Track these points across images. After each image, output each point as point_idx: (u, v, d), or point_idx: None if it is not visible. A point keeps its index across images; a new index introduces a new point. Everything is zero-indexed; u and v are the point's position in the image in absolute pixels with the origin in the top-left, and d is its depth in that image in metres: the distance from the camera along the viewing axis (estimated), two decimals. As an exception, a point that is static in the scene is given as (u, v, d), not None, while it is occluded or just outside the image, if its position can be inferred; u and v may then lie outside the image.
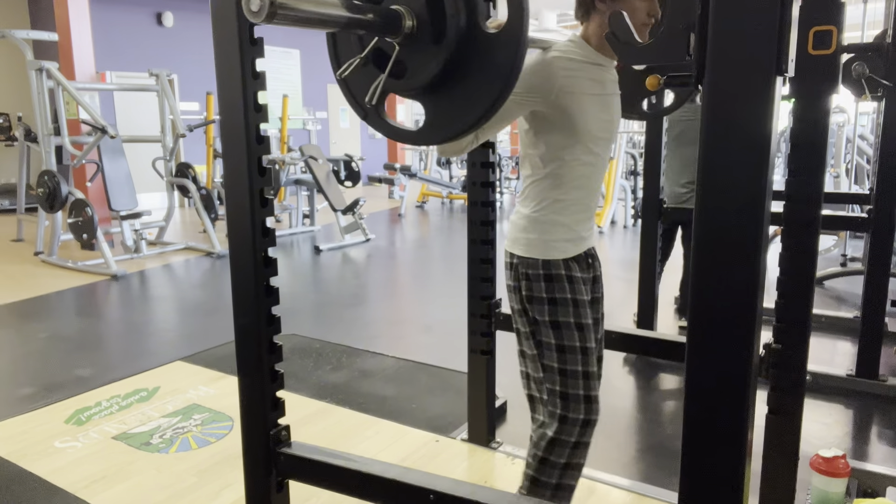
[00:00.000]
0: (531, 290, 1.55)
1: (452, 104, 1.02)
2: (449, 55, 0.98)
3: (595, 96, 1.49)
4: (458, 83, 1.01)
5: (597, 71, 1.50)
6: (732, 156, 0.93)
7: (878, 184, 2.78)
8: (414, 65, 1.02)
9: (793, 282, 1.61)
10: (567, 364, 1.54)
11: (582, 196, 1.57)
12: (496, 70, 0.97)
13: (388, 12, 0.99)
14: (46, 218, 6.08)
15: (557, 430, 1.54)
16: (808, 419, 2.46)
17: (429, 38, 0.99)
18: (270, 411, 1.49)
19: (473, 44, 0.98)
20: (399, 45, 1.01)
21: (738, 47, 0.91)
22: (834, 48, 1.42)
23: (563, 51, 1.47)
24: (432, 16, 0.98)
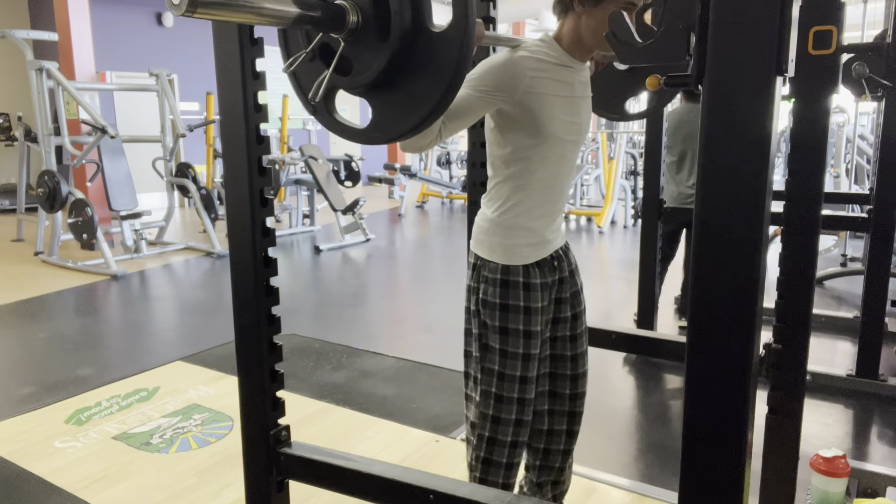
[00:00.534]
0: (486, 293, 1.55)
1: (398, 103, 1.01)
2: (393, 53, 0.97)
3: (562, 98, 1.47)
4: (403, 81, 0.99)
5: (565, 72, 1.48)
6: (732, 156, 0.93)
7: (878, 184, 2.78)
8: (359, 62, 1.01)
9: (793, 282, 1.60)
10: (506, 368, 1.54)
11: (546, 199, 1.55)
12: (441, 70, 0.96)
13: (331, 6, 0.97)
14: (46, 218, 6.08)
15: (492, 430, 1.55)
16: (808, 419, 2.46)
17: (374, 34, 0.98)
18: (270, 411, 1.49)
19: (418, 42, 0.97)
20: (344, 41, 0.99)
21: (738, 47, 0.91)
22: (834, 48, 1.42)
23: (531, 50, 1.45)
24: (377, 12, 0.97)
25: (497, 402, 1.55)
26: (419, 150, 1.37)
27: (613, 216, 7.71)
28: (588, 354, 1.74)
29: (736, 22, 0.90)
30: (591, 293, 4.84)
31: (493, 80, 1.40)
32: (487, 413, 1.56)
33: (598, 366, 3.22)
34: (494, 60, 1.43)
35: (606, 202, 7.56)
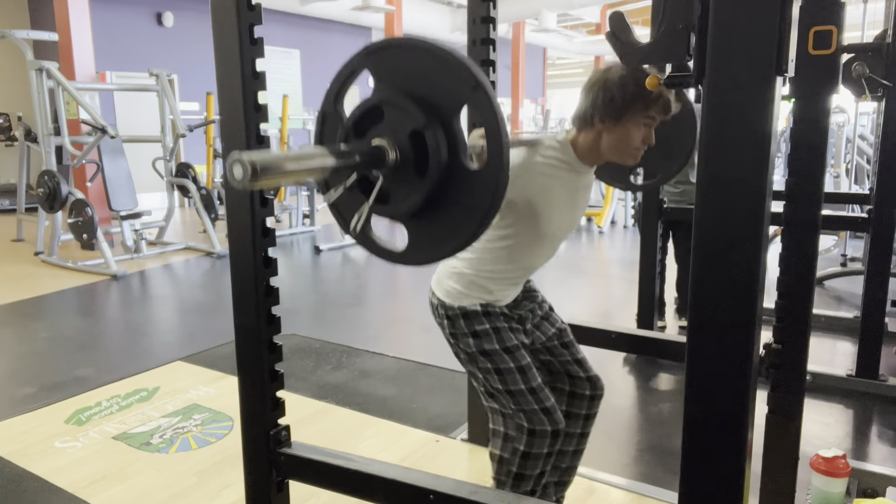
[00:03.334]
0: (454, 327, 1.60)
1: (432, 232, 1.06)
2: (430, 188, 1.01)
3: (566, 199, 1.56)
4: (438, 213, 1.04)
5: (573, 177, 1.56)
6: (732, 156, 0.94)
7: (878, 184, 2.77)
8: (397, 193, 1.05)
9: (793, 282, 1.60)
10: (509, 385, 1.56)
11: (515, 276, 1.63)
12: (476, 206, 1.00)
13: (371, 151, 1.02)
14: (46, 218, 6.08)
15: (528, 444, 1.54)
16: (808, 419, 2.46)
17: (411, 170, 1.02)
18: (270, 411, 1.49)
19: (455, 178, 1.01)
20: (383, 176, 1.04)
21: (738, 47, 0.91)
22: (834, 48, 1.42)
23: (546, 156, 1.52)
24: (415, 150, 1.01)
25: (527, 415, 1.55)
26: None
27: (613, 216, 7.71)
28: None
29: (736, 22, 0.90)
30: (591, 293, 4.84)
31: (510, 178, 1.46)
32: (523, 425, 1.56)
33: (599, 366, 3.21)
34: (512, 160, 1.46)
35: (606, 202, 7.56)
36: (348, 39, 12.71)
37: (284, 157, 0.92)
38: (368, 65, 1.06)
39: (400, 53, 1.04)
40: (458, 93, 0.98)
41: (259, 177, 0.86)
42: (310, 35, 11.84)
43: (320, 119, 1.14)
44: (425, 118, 0.99)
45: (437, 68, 0.99)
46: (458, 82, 0.97)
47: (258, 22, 1.35)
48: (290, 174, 0.93)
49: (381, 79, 1.05)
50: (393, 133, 1.03)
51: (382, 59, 1.05)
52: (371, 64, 1.06)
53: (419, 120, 0.99)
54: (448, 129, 1.00)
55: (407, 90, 1.02)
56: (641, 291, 3.38)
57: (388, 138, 1.03)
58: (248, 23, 1.33)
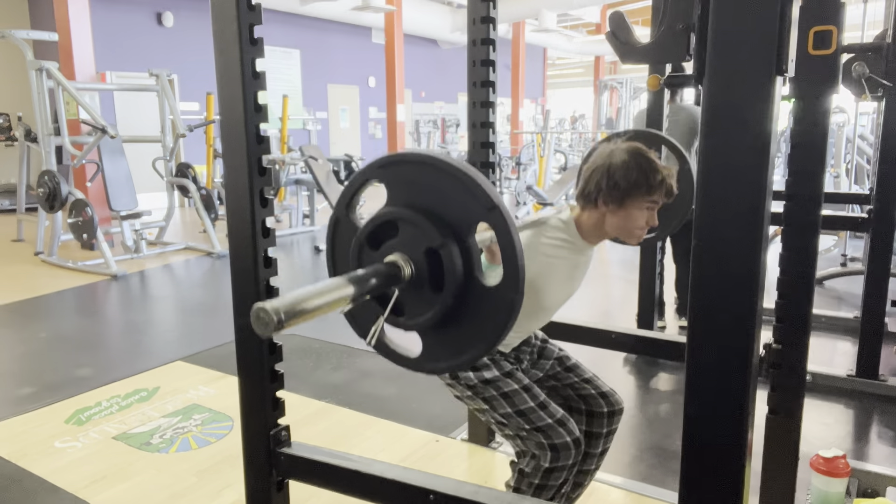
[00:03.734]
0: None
1: (448, 343, 1.07)
2: (445, 302, 1.02)
3: (566, 276, 1.60)
4: (452, 326, 1.05)
5: (575, 256, 1.60)
6: (732, 156, 0.93)
7: (878, 184, 2.77)
8: (412, 307, 1.06)
9: (793, 282, 1.60)
10: (518, 405, 1.56)
11: (512, 339, 1.66)
12: (491, 321, 1.01)
13: (386, 271, 1.03)
14: (46, 218, 6.08)
15: (552, 459, 1.54)
16: (808, 419, 2.46)
17: (427, 285, 1.03)
18: (270, 411, 1.49)
19: (470, 294, 1.02)
20: (398, 290, 1.05)
21: (738, 47, 0.91)
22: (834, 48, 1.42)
23: (551, 237, 1.56)
24: (430, 266, 1.02)
25: (543, 432, 1.55)
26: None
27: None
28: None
29: (736, 22, 0.90)
30: (592, 293, 4.84)
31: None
32: (543, 443, 1.55)
33: (599, 366, 3.21)
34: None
35: (606, 202, 7.56)
36: (348, 39, 12.71)
37: (305, 297, 0.92)
38: (382, 177, 1.07)
39: (414, 169, 1.04)
40: (474, 212, 0.99)
41: (284, 325, 0.87)
42: (310, 35, 11.84)
43: (332, 224, 1.15)
44: (441, 236, 1.00)
45: (453, 187, 1.00)
46: (474, 202, 0.98)
47: (258, 22, 1.35)
48: (312, 312, 0.94)
49: (395, 192, 1.06)
50: (408, 248, 1.04)
51: (396, 172, 1.06)
52: (385, 176, 1.07)
53: (435, 238, 1.00)
54: (463, 246, 1.01)
55: (422, 206, 1.03)
56: (641, 291, 3.38)
57: (403, 253, 1.04)
58: (248, 23, 1.33)
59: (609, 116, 16.15)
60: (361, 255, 1.09)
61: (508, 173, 10.28)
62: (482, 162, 2.20)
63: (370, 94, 13.52)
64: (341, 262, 1.16)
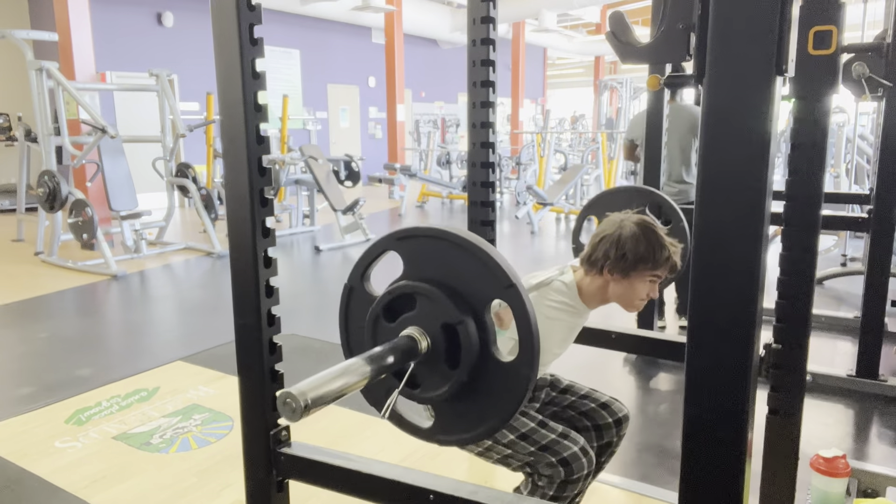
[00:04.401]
0: None
1: (461, 416, 1.07)
2: (461, 376, 1.03)
3: (563, 337, 1.65)
4: (467, 399, 1.05)
5: (574, 319, 1.64)
6: (732, 156, 0.93)
7: (878, 184, 2.77)
8: (427, 381, 1.07)
9: (793, 282, 1.60)
10: (520, 429, 1.57)
11: None
12: (506, 397, 1.02)
13: (404, 345, 1.04)
14: (46, 218, 6.08)
15: (567, 473, 1.55)
16: (808, 419, 2.46)
17: (443, 359, 1.04)
18: (270, 411, 1.49)
19: (486, 369, 1.02)
20: (414, 364, 1.06)
21: (738, 47, 0.91)
22: (834, 48, 1.42)
23: (553, 300, 1.60)
24: (446, 341, 1.03)
25: (549, 450, 1.55)
26: None
27: (613, 216, 7.70)
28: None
29: (736, 22, 0.90)
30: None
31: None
32: (551, 460, 1.55)
33: (598, 366, 3.22)
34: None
35: (606, 202, 7.55)
36: (348, 39, 12.71)
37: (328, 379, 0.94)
38: (399, 249, 1.09)
39: (432, 243, 1.05)
40: (492, 289, 1.00)
41: (311, 409, 0.89)
42: (310, 35, 11.84)
43: (346, 293, 1.17)
44: (459, 312, 1.01)
45: (471, 263, 1.01)
46: (492, 279, 1.00)
47: (258, 22, 1.34)
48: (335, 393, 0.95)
49: (412, 265, 1.08)
50: (425, 322, 1.05)
51: (414, 246, 1.07)
52: (402, 249, 1.08)
53: (453, 314, 1.01)
54: (479, 322, 1.02)
55: (439, 281, 1.04)
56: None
57: (420, 327, 1.05)
58: (248, 23, 1.33)
59: (609, 116, 16.15)
60: (377, 327, 1.11)
61: (508, 173, 10.29)
62: (482, 162, 2.20)
63: (370, 94, 13.52)
64: (355, 332, 1.18)
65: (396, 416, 1.15)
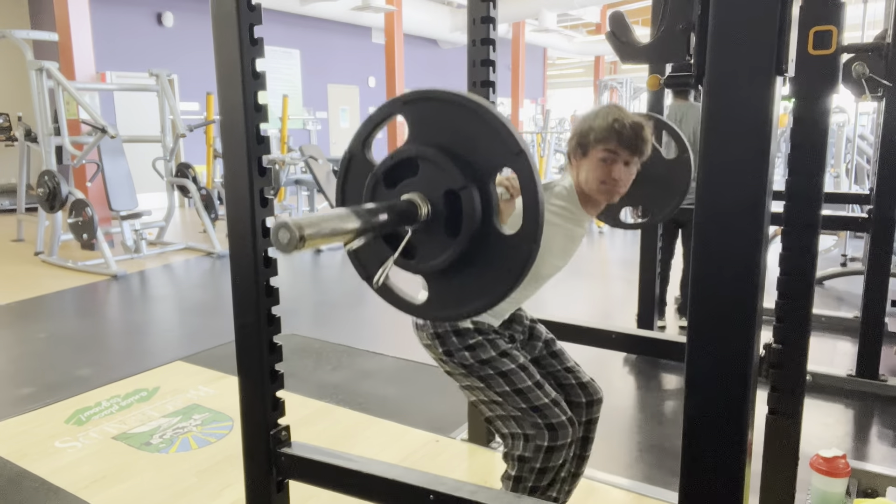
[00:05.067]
0: (445, 345, 1.60)
1: (456, 290, 1.04)
2: (460, 247, 0.99)
3: (562, 247, 1.63)
4: (464, 272, 1.02)
5: (575, 227, 1.63)
6: (732, 156, 0.94)
7: (878, 184, 2.77)
8: (424, 249, 1.03)
9: (793, 282, 1.60)
10: (517, 384, 1.56)
11: (504, 308, 1.67)
12: (505, 270, 0.98)
13: (401, 206, 1.00)
14: (46, 218, 6.08)
15: (551, 438, 1.54)
16: (808, 419, 2.46)
17: (442, 228, 1.00)
18: (270, 411, 1.49)
19: (486, 242, 0.99)
20: (412, 231, 1.02)
21: (738, 47, 0.91)
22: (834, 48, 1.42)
23: (555, 205, 1.58)
24: (448, 209, 0.99)
25: (538, 411, 1.55)
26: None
27: (613, 216, 7.70)
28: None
29: (736, 22, 0.90)
30: (592, 293, 4.84)
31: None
32: (539, 422, 1.55)
33: (598, 366, 3.22)
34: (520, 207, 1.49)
35: (606, 202, 7.55)
36: (348, 39, 12.71)
37: (327, 218, 0.90)
38: (405, 113, 1.04)
39: (441, 107, 1.01)
40: (500, 156, 0.96)
41: (305, 241, 0.86)
42: (310, 35, 11.84)
43: (346, 161, 1.11)
44: (464, 178, 0.97)
45: (480, 128, 0.97)
46: (500, 146, 0.95)
47: (258, 22, 1.35)
48: (332, 236, 0.92)
49: (418, 130, 1.03)
50: (427, 188, 1.01)
51: (421, 109, 1.03)
52: (408, 113, 1.04)
53: (457, 179, 0.97)
54: (483, 191, 0.98)
55: (446, 147, 0.99)
56: (641, 291, 3.38)
57: (421, 193, 1.01)
58: (248, 23, 1.33)
59: (609, 116, 16.09)
60: (376, 192, 1.05)
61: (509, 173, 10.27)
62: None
63: (370, 94, 13.51)
64: (352, 200, 1.11)
65: (389, 291, 1.10)
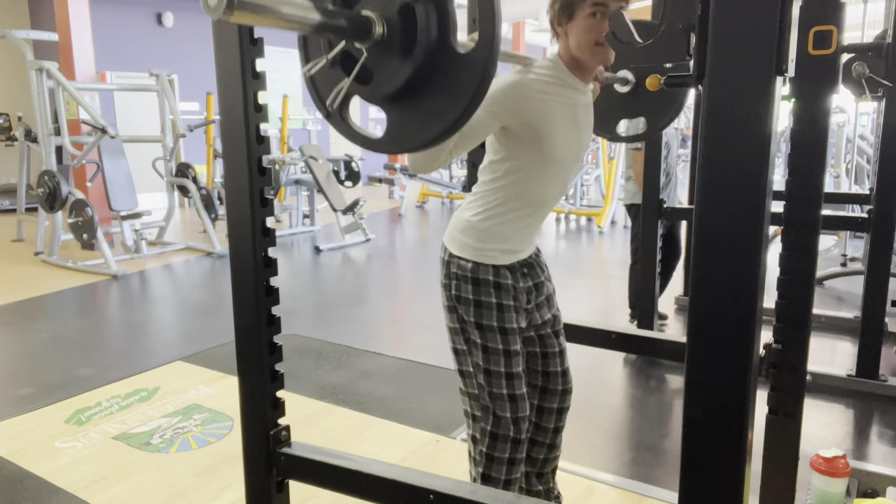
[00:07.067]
0: (459, 289, 1.58)
1: (414, 117, 1.01)
2: (416, 68, 0.97)
3: (566, 120, 1.51)
4: (422, 96, 0.99)
5: (571, 94, 1.52)
6: (732, 156, 0.94)
7: (878, 184, 2.77)
8: (380, 73, 1.00)
9: (793, 282, 1.60)
10: (490, 364, 1.56)
11: (530, 213, 1.59)
12: (462, 89, 0.96)
13: (358, 18, 0.97)
14: (46, 218, 6.08)
15: (494, 424, 1.57)
16: (808, 419, 2.46)
17: (397, 48, 0.98)
18: (270, 411, 1.49)
19: (442, 60, 0.97)
20: (367, 52, 0.99)
21: (738, 47, 0.91)
22: (834, 48, 1.42)
23: (538, 74, 1.49)
24: (403, 26, 0.97)
25: (492, 399, 1.57)
26: (430, 170, 1.40)
27: (613, 216, 7.70)
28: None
29: (736, 22, 0.90)
30: (591, 293, 4.84)
31: (503, 101, 1.43)
32: (488, 405, 1.58)
33: (598, 366, 3.22)
34: (504, 81, 1.44)
35: (606, 202, 7.56)
36: (348, 39, 12.70)
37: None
38: None
39: None
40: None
41: (234, 9, 0.80)
42: (310, 35, 11.83)
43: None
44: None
45: None
46: None
47: (258, 22, 1.34)
48: (269, 14, 0.86)
49: None
50: (382, 6, 0.97)
51: None
52: None
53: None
54: (440, 7, 0.95)
55: None
56: (641, 291, 3.38)
57: (377, 10, 0.98)
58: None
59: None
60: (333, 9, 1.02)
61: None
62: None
63: (370, 94, 13.51)
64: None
65: (345, 124, 1.08)
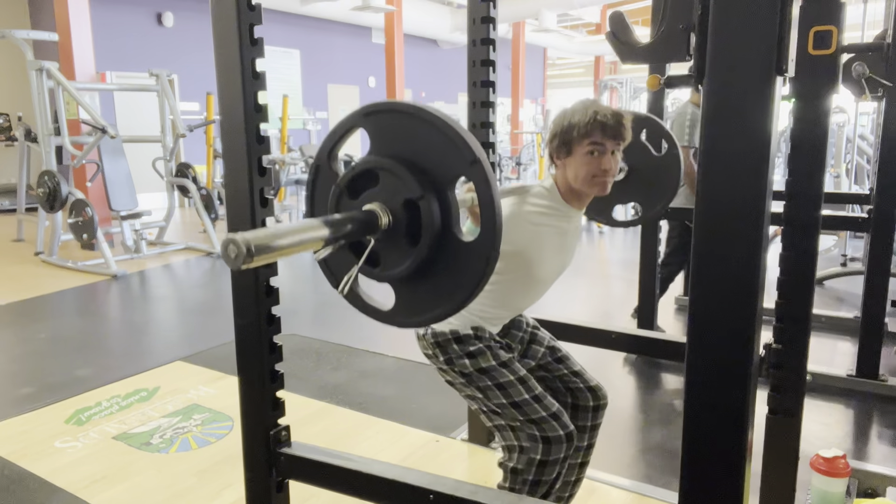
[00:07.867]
0: (446, 353, 1.61)
1: (421, 296, 1.06)
2: (421, 254, 1.02)
3: (556, 245, 1.60)
4: (427, 279, 1.04)
5: (563, 223, 1.60)
6: (732, 156, 0.94)
7: (878, 184, 2.77)
8: (388, 258, 1.06)
9: (793, 282, 1.60)
10: (514, 397, 1.56)
11: (507, 314, 1.68)
12: (466, 276, 1.01)
13: (363, 218, 1.02)
14: (46, 218, 6.08)
15: (544, 452, 1.54)
16: (808, 419, 2.46)
17: (403, 237, 1.03)
18: (270, 411, 1.49)
19: (447, 248, 1.01)
20: (374, 241, 1.05)
21: (738, 47, 0.91)
22: (834, 48, 1.42)
23: (535, 204, 1.57)
24: (408, 217, 1.02)
25: (536, 424, 1.55)
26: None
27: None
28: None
29: (736, 22, 0.90)
30: (591, 293, 4.84)
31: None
32: (535, 434, 1.55)
33: (598, 366, 3.22)
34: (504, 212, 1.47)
35: (606, 202, 7.55)
36: (348, 39, 12.71)
37: (278, 233, 0.91)
38: (366, 125, 1.07)
39: (399, 119, 1.04)
40: (456, 166, 0.99)
41: (254, 257, 0.86)
42: (310, 35, 11.84)
43: (314, 171, 1.15)
44: (421, 188, 0.99)
45: (437, 139, 0.99)
46: (457, 155, 0.98)
47: (258, 22, 1.34)
48: (284, 250, 0.92)
49: (379, 141, 1.06)
50: (387, 198, 1.03)
51: (381, 121, 1.06)
52: (369, 125, 1.07)
53: (415, 190, 1.00)
54: (442, 200, 1.01)
55: (404, 157, 1.02)
56: (641, 291, 3.38)
57: (382, 203, 1.03)
58: (248, 23, 1.33)
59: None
60: (340, 202, 1.08)
61: (508, 173, 10.30)
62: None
63: (370, 94, 13.51)
64: (320, 210, 1.14)
65: (357, 298, 1.13)
